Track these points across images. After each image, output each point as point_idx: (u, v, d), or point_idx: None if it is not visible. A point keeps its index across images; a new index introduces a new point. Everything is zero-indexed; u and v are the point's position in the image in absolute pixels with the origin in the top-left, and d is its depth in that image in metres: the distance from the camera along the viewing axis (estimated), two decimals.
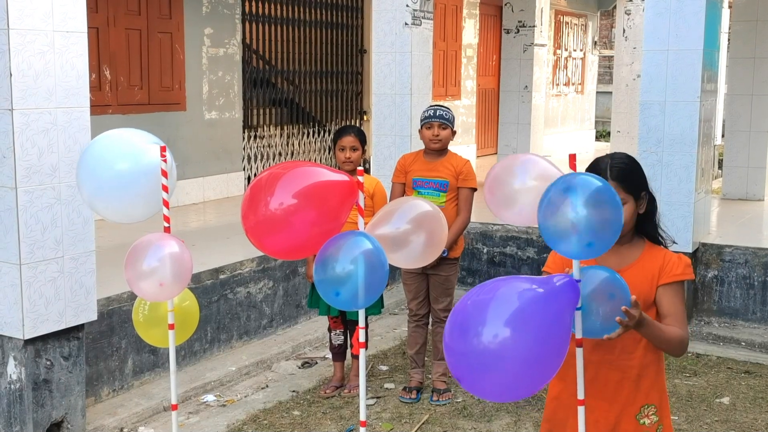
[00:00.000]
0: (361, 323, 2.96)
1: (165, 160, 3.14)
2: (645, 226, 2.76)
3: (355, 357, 5.25)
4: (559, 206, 2.26)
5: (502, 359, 2.19)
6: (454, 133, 5.26)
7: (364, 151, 5.24)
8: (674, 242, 2.90)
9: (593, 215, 2.23)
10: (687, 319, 2.74)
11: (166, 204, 3.18)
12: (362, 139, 5.23)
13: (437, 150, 5.21)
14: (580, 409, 2.50)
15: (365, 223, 2.83)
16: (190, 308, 3.41)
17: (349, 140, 5.16)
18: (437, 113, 5.19)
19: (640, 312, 2.43)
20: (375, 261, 2.66)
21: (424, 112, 5.28)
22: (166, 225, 3.25)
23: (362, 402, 2.99)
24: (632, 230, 2.74)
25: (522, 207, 2.55)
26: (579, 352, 2.45)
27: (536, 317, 2.22)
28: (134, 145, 3.27)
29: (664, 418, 2.79)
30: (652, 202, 2.77)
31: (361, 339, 2.95)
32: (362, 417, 2.98)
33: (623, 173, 2.67)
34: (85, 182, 3.29)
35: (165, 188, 3.15)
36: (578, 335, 2.42)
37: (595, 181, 2.28)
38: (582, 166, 2.53)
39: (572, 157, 2.42)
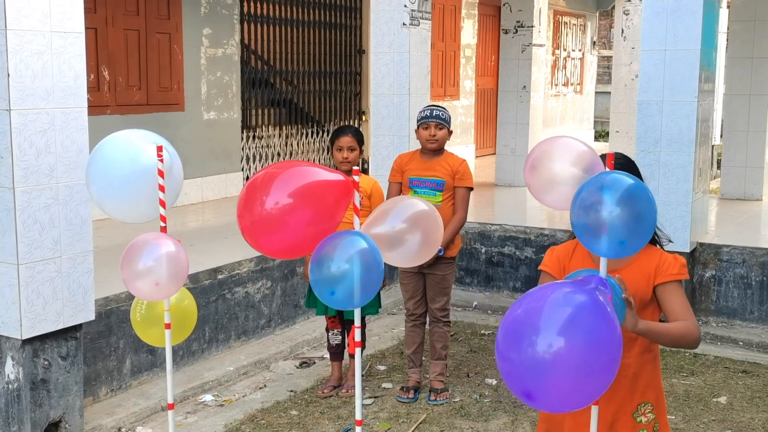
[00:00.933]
0: (357, 322, 2.97)
1: (162, 160, 3.15)
2: None
3: (353, 356, 5.25)
4: (593, 205, 2.26)
5: (558, 368, 2.13)
6: (450, 133, 5.27)
7: (361, 152, 5.25)
8: (670, 241, 2.90)
9: (627, 214, 2.24)
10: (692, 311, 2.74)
11: (162, 204, 3.19)
12: (360, 139, 5.24)
13: (434, 150, 5.23)
14: (594, 409, 2.51)
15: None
16: (188, 308, 3.42)
17: (346, 140, 5.17)
18: (434, 113, 5.20)
19: (635, 313, 2.44)
20: (370, 260, 2.67)
21: (421, 112, 5.29)
22: (163, 225, 3.26)
23: (358, 401, 2.99)
24: None
25: (562, 190, 2.52)
26: None
27: (590, 323, 2.17)
28: (141, 146, 3.28)
29: (661, 416, 2.81)
30: None
31: (357, 338, 2.96)
32: (358, 416, 2.99)
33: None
34: (94, 182, 3.31)
35: (161, 188, 3.16)
36: None
37: (629, 180, 2.29)
38: None
39: (610, 157, 2.43)
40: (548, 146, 2.60)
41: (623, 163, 2.75)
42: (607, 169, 2.40)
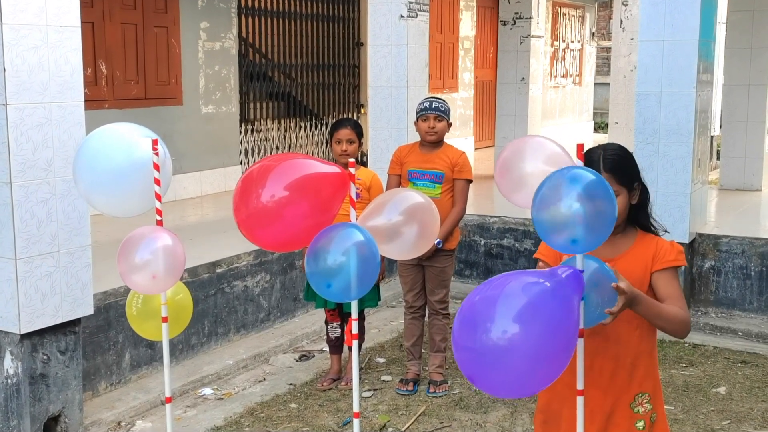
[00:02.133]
0: (354, 315, 2.97)
1: (156, 153, 3.14)
2: (637, 216, 2.77)
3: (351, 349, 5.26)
4: (553, 200, 2.26)
5: (511, 355, 2.16)
6: (449, 125, 5.26)
7: (360, 144, 5.24)
8: (666, 231, 2.90)
9: (586, 209, 2.23)
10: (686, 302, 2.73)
11: (158, 197, 3.18)
12: (359, 131, 5.23)
13: (433, 142, 5.22)
14: (579, 399, 2.51)
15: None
16: (183, 301, 3.42)
17: (345, 133, 5.17)
18: (433, 105, 5.19)
19: (630, 287, 2.42)
20: (366, 252, 2.67)
21: (420, 104, 5.28)
22: (159, 218, 3.26)
23: (355, 393, 2.99)
24: (625, 220, 2.75)
25: (532, 190, 2.53)
26: (580, 342, 2.46)
27: (545, 311, 2.20)
28: (128, 139, 3.28)
29: (658, 407, 2.81)
30: (644, 192, 2.78)
31: (354, 330, 2.96)
32: (355, 408, 2.99)
33: (616, 164, 2.67)
34: (81, 178, 3.30)
35: (157, 181, 3.15)
36: (581, 325, 2.43)
37: (589, 175, 2.28)
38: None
39: (579, 147, 2.43)
40: (518, 148, 2.60)
41: (620, 155, 2.74)
42: (578, 162, 2.39)
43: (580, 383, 2.49)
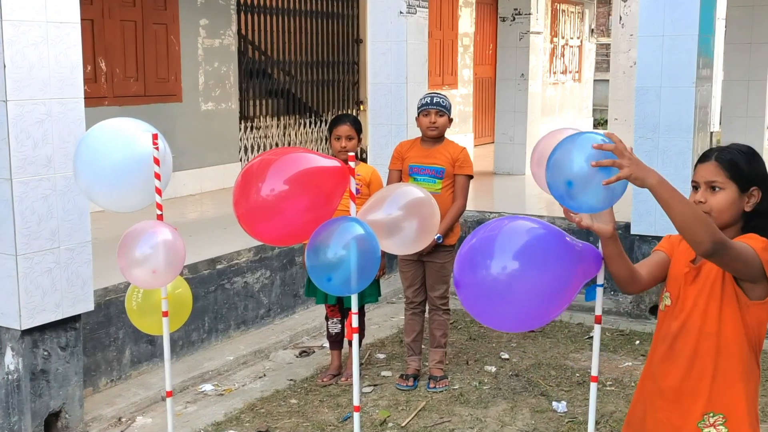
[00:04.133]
0: (354, 309, 2.97)
1: (157, 148, 3.15)
2: (757, 225, 2.47)
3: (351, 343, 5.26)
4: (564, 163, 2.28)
5: (511, 290, 2.29)
6: (451, 120, 5.27)
7: (359, 140, 5.25)
8: None
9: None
10: (740, 251, 2.34)
11: (158, 192, 3.19)
12: (358, 128, 5.24)
13: (434, 137, 5.22)
14: (593, 386, 2.57)
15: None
16: (182, 296, 3.42)
17: (344, 129, 5.17)
18: (434, 100, 5.19)
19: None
20: (367, 246, 2.67)
21: (421, 99, 5.28)
22: (159, 213, 3.26)
23: (356, 387, 3.00)
24: (738, 227, 2.49)
25: None
26: (597, 328, 2.53)
27: (542, 253, 2.32)
28: (128, 134, 3.28)
29: None
30: (765, 200, 2.49)
31: (354, 324, 2.96)
32: (356, 402, 2.99)
33: (729, 157, 2.48)
34: (81, 173, 3.30)
35: (157, 176, 3.15)
36: (598, 311, 2.49)
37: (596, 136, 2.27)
38: None
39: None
40: (553, 139, 2.61)
41: (742, 151, 2.53)
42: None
43: (594, 370, 2.57)
